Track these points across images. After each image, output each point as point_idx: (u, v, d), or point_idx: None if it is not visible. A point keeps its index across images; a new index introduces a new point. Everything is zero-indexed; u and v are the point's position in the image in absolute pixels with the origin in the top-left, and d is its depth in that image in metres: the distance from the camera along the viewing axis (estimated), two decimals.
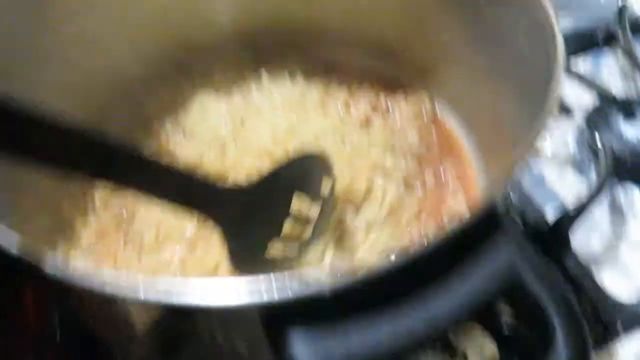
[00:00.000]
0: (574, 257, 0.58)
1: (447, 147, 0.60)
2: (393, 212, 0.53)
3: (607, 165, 0.62)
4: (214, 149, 0.59)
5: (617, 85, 0.76)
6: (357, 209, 0.52)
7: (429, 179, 0.57)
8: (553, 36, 0.41)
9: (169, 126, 0.62)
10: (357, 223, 0.51)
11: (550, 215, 0.62)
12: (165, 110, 0.63)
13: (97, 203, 0.56)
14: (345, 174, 0.53)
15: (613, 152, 0.64)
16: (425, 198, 0.56)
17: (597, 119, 0.69)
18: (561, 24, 0.78)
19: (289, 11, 0.65)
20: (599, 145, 0.65)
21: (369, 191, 0.54)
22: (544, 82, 0.41)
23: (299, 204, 0.47)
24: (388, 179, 0.55)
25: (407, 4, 0.59)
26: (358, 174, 0.54)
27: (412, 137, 0.59)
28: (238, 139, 0.59)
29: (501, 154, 0.52)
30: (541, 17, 0.43)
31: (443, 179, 0.57)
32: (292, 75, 0.66)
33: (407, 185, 0.56)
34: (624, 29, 0.75)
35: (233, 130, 0.60)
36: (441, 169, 0.58)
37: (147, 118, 0.63)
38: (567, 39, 0.75)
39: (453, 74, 0.59)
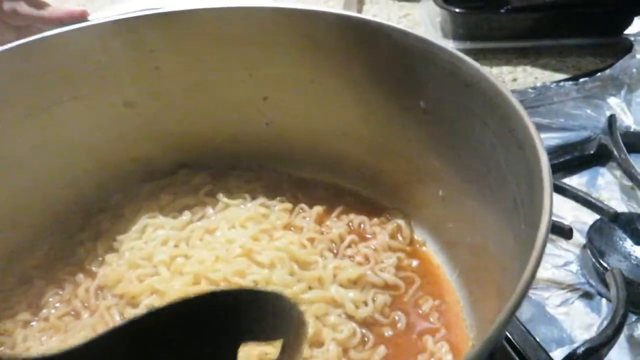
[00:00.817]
0: None
1: (427, 279, 0.51)
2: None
3: (618, 293, 0.53)
4: (142, 270, 0.51)
5: (616, 199, 0.69)
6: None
7: (401, 317, 0.48)
8: (536, 156, 0.33)
9: (100, 249, 0.55)
10: None
11: (557, 356, 0.51)
12: (101, 236, 0.56)
13: None
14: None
15: (623, 276, 0.55)
16: (394, 339, 0.46)
17: (600, 239, 0.61)
18: (552, 139, 0.76)
19: (249, 131, 0.60)
20: (607, 270, 0.56)
21: (317, 334, 0.45)
22: (531, 204, 0.34)
23: None
24: (344, 318, 0.46)
25: (374, 124, 0.54)
26: (307, 314, 0.45)
27: (388, 267, 0.51)
28: (174, 261, 0.51)
29: (491, 292, 0.43)
30: (521, 136, 0.36)
31: (420, 317, 0.48)
32: (252, 195, 0.59)
33: (370, 324, 0.47)
34: (616, 141, 0.70)
35: (171, 252, 0.52)
36: (419, 305, 0.49)
37: (80, 242, 0.56)
38: (558, 154, 0.74)
39: (429, 197, 0.52)
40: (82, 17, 0.64)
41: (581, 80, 0.83)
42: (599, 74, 0.83)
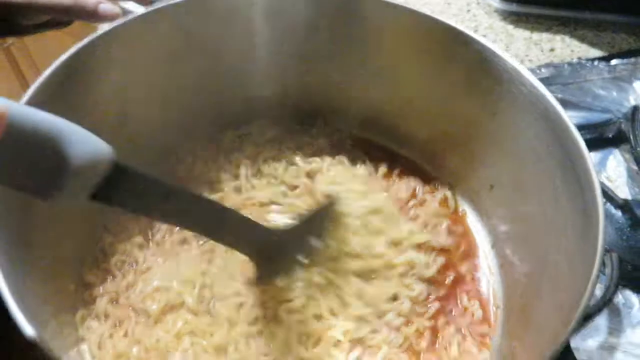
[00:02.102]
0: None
1: (466, 245, 0.62)
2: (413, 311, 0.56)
3: (612, 273, 0.64)
4: None
5: (622, 182, 0.79)
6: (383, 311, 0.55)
7: (449, 277, 0.60)
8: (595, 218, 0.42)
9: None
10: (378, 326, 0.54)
11: None
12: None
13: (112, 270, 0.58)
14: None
15: (620, 259, 0.64)
16: (444, 296, 0.58)
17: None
18: (576, 117, 0.83)
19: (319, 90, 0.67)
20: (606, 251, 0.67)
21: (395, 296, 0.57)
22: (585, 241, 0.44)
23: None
24: (415, 278, 0.58)
25: (444, 112, 0.62)
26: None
27: (442, 232, 0.62)
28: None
29: (520, 271, 0.55)
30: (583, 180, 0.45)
31: (460, 279, 0.60)
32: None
33: (432, 282, 0.59)
34: (635, 133, 0.78)
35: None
36: (460, 266, 0.61)
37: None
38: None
39: (478, 184, 0.62)
40: None
41: (613, 62, 0.89)
42: (632, 58, 0.89)
